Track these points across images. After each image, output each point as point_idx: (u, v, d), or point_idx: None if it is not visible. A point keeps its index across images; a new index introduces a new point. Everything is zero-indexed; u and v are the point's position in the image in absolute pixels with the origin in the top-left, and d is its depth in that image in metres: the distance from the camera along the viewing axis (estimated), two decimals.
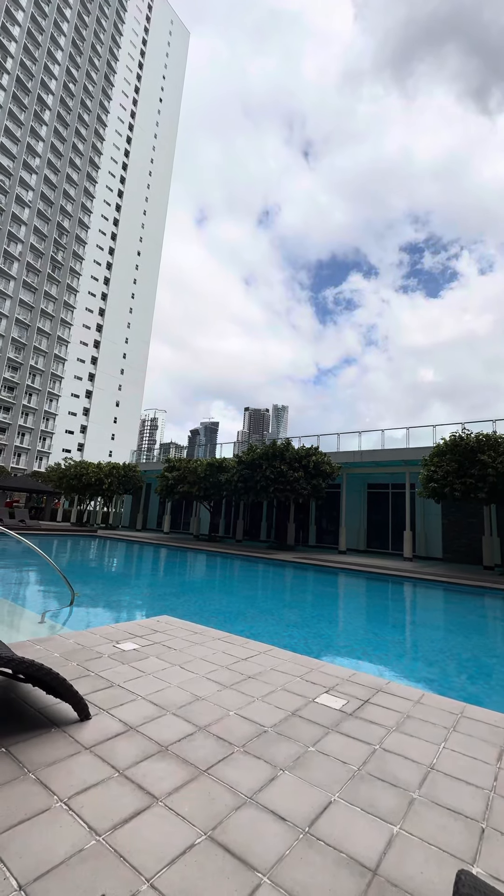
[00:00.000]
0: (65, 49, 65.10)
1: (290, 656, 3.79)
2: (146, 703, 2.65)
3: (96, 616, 6.80)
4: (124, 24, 76.21)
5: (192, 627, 4.54)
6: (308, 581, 12.66)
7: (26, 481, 30.87)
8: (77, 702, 2.31)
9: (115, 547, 19.00)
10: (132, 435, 78.23)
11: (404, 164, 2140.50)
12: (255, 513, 26.05)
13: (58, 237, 63.75)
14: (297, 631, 6.58)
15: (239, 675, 3.24)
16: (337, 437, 21.96)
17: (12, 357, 57.84)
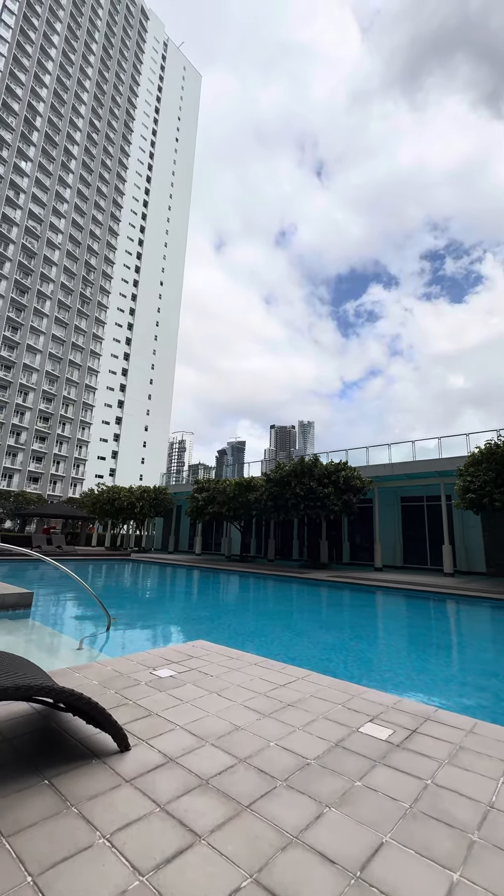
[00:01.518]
0: (87, 103, 70.19)
1: (329, 682, 3.66)
2: (185, 733, 2.60)
3: (132, 641, 6.82)
4: (141, 76, 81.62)
5: (229, 652, 4.47)
6: (344, 600, 12.29)
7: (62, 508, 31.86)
8: (116, 732, 2.30)
9: (149, 570, 19.16)
10: (161, 458, 79.78)
11: (419, 173, 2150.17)
12: (286, 531, 25.75)
13: (86, 274, 67.36)
14: (336, 654, 6.36)
15: (278, 702, 3.14)
16: (366, 450, 21.59)
17: (46, 389, 60.72)
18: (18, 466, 56.99)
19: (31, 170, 60.72)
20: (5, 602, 7.41)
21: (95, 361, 68.29)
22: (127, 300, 74.54)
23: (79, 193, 67.41)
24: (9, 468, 56.02)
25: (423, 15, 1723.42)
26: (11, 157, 57.98)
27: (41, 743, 2.44)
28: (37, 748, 2.37)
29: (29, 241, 59.86)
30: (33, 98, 61.85)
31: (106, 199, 71.79)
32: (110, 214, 72.23)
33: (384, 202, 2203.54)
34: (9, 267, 57.12)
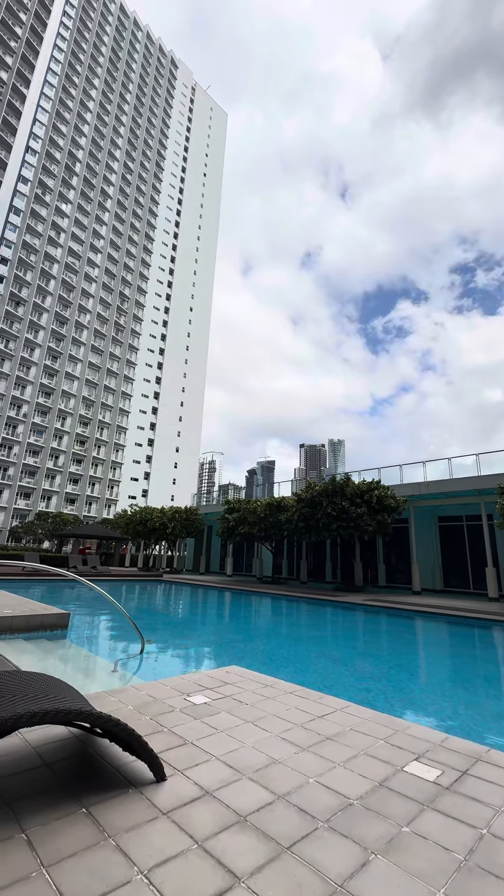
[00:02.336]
0: (122, 147, 75.26)
1: (370, 714, 3.48)
2: (221, 764, 2.53)
3: (166, 665, 6.78)
4: (171, 119, 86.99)
5: (263, 679, 4.36)
6: (381, 626, 11.79)
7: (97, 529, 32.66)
8: (153, 761, 2.27)
9: (181, 591, 19.16)
10: (192, 478, 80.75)
11: (446, 188, 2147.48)
12: (318, 552, 25.20)
13: (120, 304, 70.77)
14: (375, 684, 6.06)
15: (316, 735, 3.01)
16: (399, 468, 21.03)
17: (83, 413, 63.36)
18: (56, 488, 59.18)
19: (71, 211, 65.24)
20: (44, 622, 7.58)
21: (129, 386, 70.85)
22: (158, 327, 77.49)
23: (114, 230, 71.62)
24: (48, 490, 58.26)
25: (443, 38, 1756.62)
26: (53, 200, 62.60)
27: (79, 769, 2.44)
28: (75, 774, 2.37)
29: (68, 276, 63.80)
30: (73, 146, 67.01)
31: (139, 234, 75.83)
32: (143, 248, 76.11)
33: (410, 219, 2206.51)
34: (49, 301, 60.91)
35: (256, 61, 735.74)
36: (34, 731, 2.81)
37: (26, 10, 60.42)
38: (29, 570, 17.99)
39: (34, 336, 58.94)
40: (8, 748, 2.58)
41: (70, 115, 67.01)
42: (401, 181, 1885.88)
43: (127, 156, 75.96)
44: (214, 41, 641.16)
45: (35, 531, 45.46)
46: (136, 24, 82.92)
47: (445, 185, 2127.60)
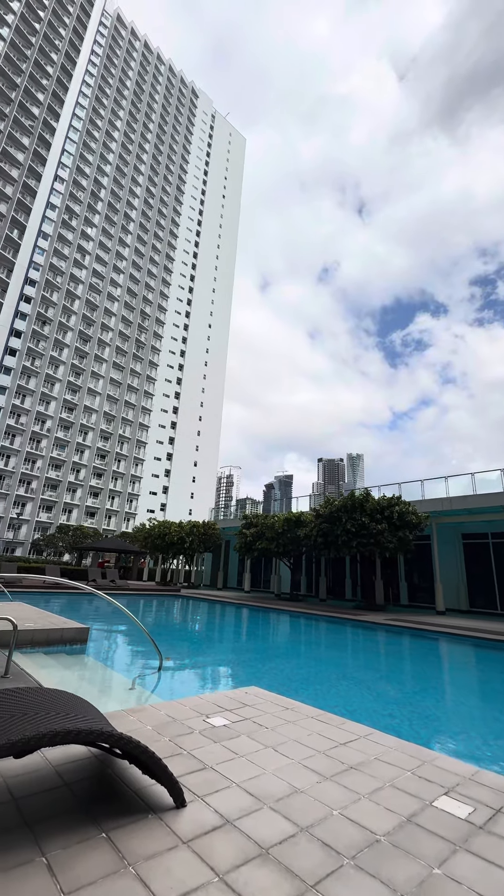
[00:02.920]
0: (144, 173, 78.36)
1: (395, 743, 3.35)
2: (241, 791, 2.47)
3: (184, 683, 6.70)
4: (191, 145, 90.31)
5: (283, 702, 4.25)
6: (404, 647, 11.40)
7: (116, 542, 32.93)
8: (172, 786, 2.23)
9: (198, 607, 19.03)
10: (210, 492, 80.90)
11: (464, 202, 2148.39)
12: (337, 569, 24.73)
13: (141, 322, 72.67)
14: (399, 710, 5.84)
15: (339, 763, 2.91)
16: (420, 483, 20.60)
17: (104, 428, 64.67)
18: (77, 502, 60.16)
19: (95, 234, 67.95)
20: (64, 636, 7.63)
21: (148, 401, 72.13)
22: (178, 343, 79.09)
23: (136, 251, 74.10)
24: (69, 503, 59.29)
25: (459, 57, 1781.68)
26: (79, 225, 65.37)
27: (98, 791, 2.41)
28: (94, 796, 2.35)
29: (91, 296, 66.04)
30: (98, 174, 70.16)
31: (159, 254, 78.21)
32: (163, 267, 78.37)
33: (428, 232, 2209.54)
34: (74, 319, 63.05)
35: (274, 87, 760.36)
36: (54, 750, 2.80)
37: (57, 50, 64.34)
38: (49, 582, 18.23)
39: (59, 353, 60.90)
40: (29, 766, 2.58)
41: (96, 144, 70.35)
42: (418, 196, 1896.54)
43: (149, 181, 78.98)
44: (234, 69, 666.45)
45: (56, 544, 46.16)
46: (159, 59, 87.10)
47: (464, 199, 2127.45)
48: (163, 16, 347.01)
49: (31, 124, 59.50)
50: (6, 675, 4.87)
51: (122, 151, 74.92)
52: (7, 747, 1.79)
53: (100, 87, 72.75)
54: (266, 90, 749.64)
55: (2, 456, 53.50)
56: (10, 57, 57.58)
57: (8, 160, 56.59)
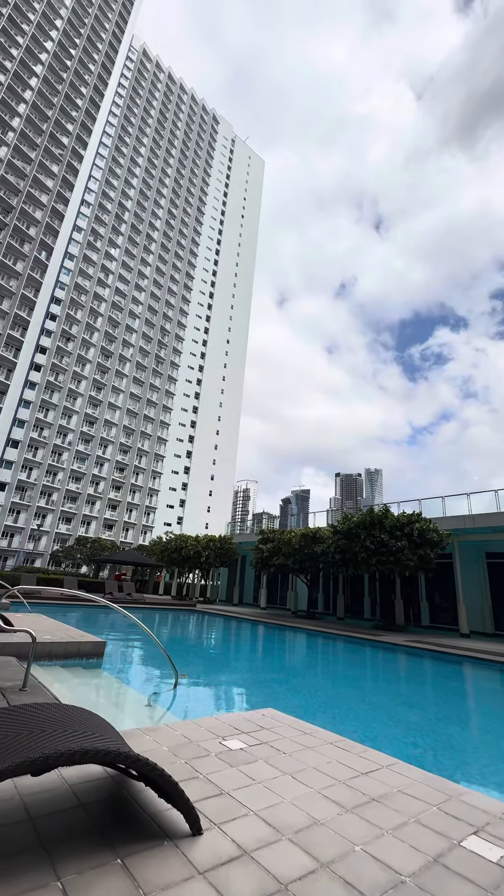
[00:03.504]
0: (167, 196, 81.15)
1: (419, 775, 3.20)
2: (259, 820, 2.39)
3: (200, 702, 6.60)
4: (212, 168, 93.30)
5: (301, 726, 4.13)
6: (426, 671, 10.98)
7: (133, 555, 33.07)
8: (189, 812, 2.18)
9: (214, 623, 18.84)
10: (226, 506, 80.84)
11: (484, 215, 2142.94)
12: (356, 587, 24.18)
13: (161, 338, 74.31)
14: (422, 738, 5.60)
15: (360, 795, 2.79)
16: (441, 500, 20.12)
17: (123, 442, 65.75)
18: (95, 514, 60.94)
19: (119, 255, 70.34)
20: (80, 650, 7.65)
21: (167, 415, 73.18)
22: (196, 359, 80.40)
23: (157, 270, 76.29)
24: (87, 515, 60.09)
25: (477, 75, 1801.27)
26: (103, 246, 67.85)
27: (114, 813, 2.38)
28: (110, 819, 2.31)
29: (114, 313, 68.03)
30: (122, 197, 73.02)
31: (180, 273, 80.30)
32: (183, 285, 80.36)
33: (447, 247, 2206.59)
34: (97, 336, 64.94)
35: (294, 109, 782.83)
36: (71, 769, 2.78)
37: (86, 84, 67.96)
38: (67, 594, 18.36)
39: (81, 369, 62.62)
40: (46, 784, 2.56)
41: (121, 170, 73.41)
42: (437, 211, 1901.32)
43: (171, 203, 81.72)
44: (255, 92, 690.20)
45: (74, 556, 46.68)
46: (182, 89, 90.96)
47: (484, 213, 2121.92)
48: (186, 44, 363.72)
49: (61, 153, 62.60)
50: (24, 687, 4.89)
51: (146, 176, 77.94)
52: (27, 765, 1.79)
53: (126, 117, 76.25)
54: (285, 112, 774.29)
55: (25, 468, 54.83)
56: (42, 91, 61.09)
57: (38, 187, 59.50)
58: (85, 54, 68.40)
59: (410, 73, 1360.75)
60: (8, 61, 57.87)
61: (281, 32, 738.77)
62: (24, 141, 58.44)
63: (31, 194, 58.14)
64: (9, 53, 58.05)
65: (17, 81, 58.85)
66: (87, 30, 68.79)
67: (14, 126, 57.36)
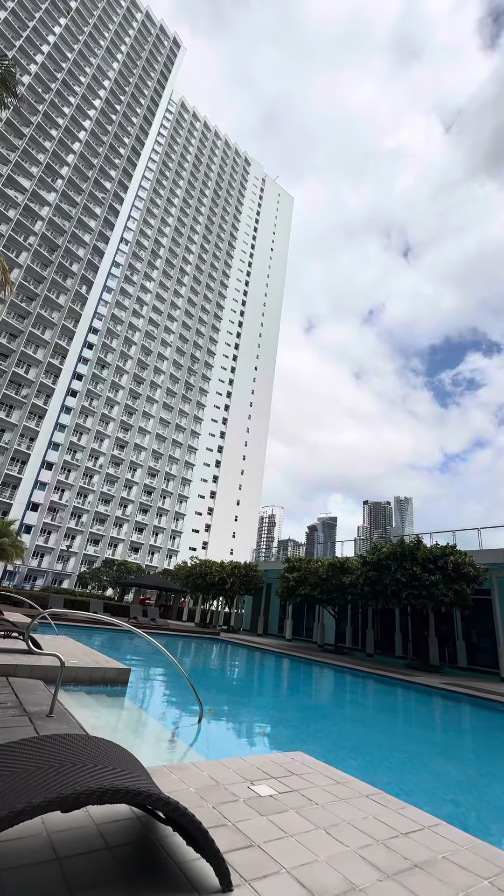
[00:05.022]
0: (199, 232, 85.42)
1: (465, 840, 2.92)
2: (292, 880, 2.23)
3: (225, 740, 6.36)
4: (242, 206, 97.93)
5: (333, 774, 3.90)
6: (464, 718, 10.22)
7: (157, 579, 33.05)
8: (219, 865, 2.06)
9: (238, 653, 18.35)
10: (251, 532, 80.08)
11: None
12: (386, 621, 23.09)
13: (191, 365, 76.54)
14: (464, 796, 5.15)
15: (402, 859, 2.57)
16: (477, 532, 19.22)
17: (151, 465, 67.00)
18: (123, 536, 61.67)
19: (153, 287, 73.94)
20: (105, 677, 7.59)
21: (195, 440, 74.38)
22: (225, 385, 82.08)
23: (189, 301, 79.53)
24: (115, 538, 60.89)
25: None
26: (139, 280, 71.58)
27: (140, 859, 2.28)
28: (136, 865, 2.22)
29: (147, 342, 70.91)
30: (159, 235, 77.40)
31: (210, 303, 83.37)
32: (213, 315, 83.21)
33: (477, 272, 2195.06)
34: (130, 364, 67.61)
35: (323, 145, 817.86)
36: (99, 807, 2.71)
37: (129, 134, 73.71)
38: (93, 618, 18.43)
39: (114, 395, 65.02)
40: (73, 822, 2.50)
41: (158, 210, 78.15)
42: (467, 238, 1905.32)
43: (203, 239, 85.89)
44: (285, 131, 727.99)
45: (100, 578, 47.09)
46: (216, 135, 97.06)
47: None
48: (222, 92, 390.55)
49: (104, 196, 67.44)
50: (51, 713, 4.87)
51: (181, 215, 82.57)
52: (58, 801, 1.76)
53: (164, 162, 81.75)
54: (315, 148, 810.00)
55: (58, 490, 56.55)
56: (89, 143, 66.62)
57: (82, 227, 64.00)
58: (129, 108, 74.51)
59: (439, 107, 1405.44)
60: (60, 118, 63.77)
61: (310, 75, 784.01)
62: (71, 187, 63.46)
63: (76, 234, 62.53)
64: (61, 111, 64.02)
65: (68, 135, 64.55)
66: (131, 87, 75.21)
67: (63, 174, 62.52)
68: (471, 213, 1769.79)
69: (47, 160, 60.37)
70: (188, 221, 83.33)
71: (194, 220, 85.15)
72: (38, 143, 60.05)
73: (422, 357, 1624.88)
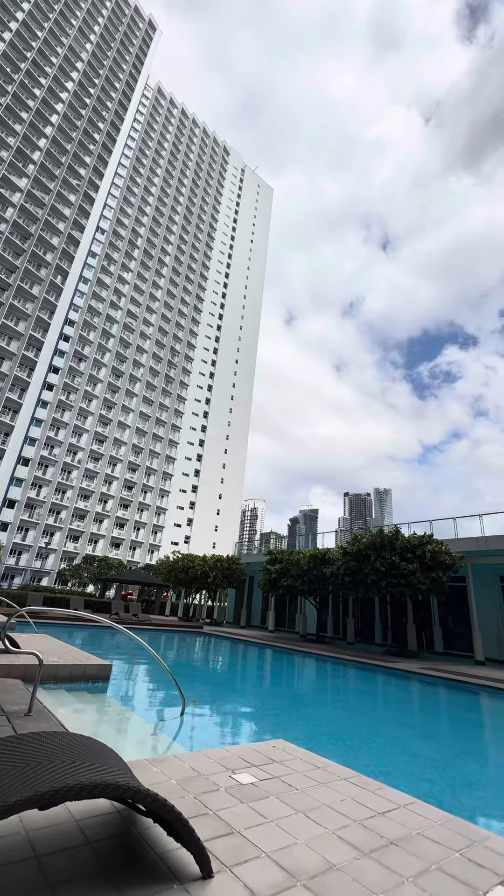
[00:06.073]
0: (178, 223, 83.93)
1: (439, 817, 3.04)
2: (272, 863, 2.28)
3: (207, 732, 6.40)
4: (222, 196, 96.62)
5: (313, 759, 3.98)
6: (441, 701, 10.58)
7: (139, 575, 32.81)
8: (199, 853, 2.08)
9: (221, 646, 18.45)
10: (234, 525, 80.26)
11: (492, 233, 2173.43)
12: (366, 610, 23.61)
13: (171, 358, 75.59)
14: (440, 774, 5.35)
15: (378, 837, 2.66)
16: (453, 521, 19.78)
17: (132, 460, 66.15)
18: (103, 532, 60.87)
19: (131, 278, 72.44)
20: (86, 673, 7.52)
21: (176, 434, 73.74)
22: (205, 378, 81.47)
23: (168, 293, 78.30)
24: (95, 534, 60.04)
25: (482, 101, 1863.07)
26: (116, 270, 69.97)
27: (121, 853, 2.29)
28: (117, 858, 2.22)
29: (125, 334, 69.58)
30: (136, 224, 75.68)
31: (190, 295, 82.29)
32: (193, 307, 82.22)
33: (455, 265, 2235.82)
34: (108, 357, 66.27)
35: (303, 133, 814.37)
36: (79, 802, 2.70)
37: (104, 119, 71.51)
38: (73, 615, 18.18)
39: (92, 388, 63.71)
40: (52, 819, 2.48)
41: (135, 199, 76.34)
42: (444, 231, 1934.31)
43: (182, 230, 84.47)
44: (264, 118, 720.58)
45: (81, 574, 46.43)
46: (194, 122, 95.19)
47: (491, 232, 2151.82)
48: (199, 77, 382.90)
49: (78, 183, 65.41)
50: (30, 712, 4.80)
51: (159, 204, 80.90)
52: (35, 799, 1.74)
53: (141, 149, 79.75)
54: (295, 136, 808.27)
55: (35, 486, 55.26)
56: (62, 127, 64.35)
57: (56, 215, 61.99)
58: (103, 92, 72.20)
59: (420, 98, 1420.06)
60: (31, 100, 61.31)
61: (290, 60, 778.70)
62: (44, 172, 61.27)
63: (49, 222, 60.53)
64: (31, 93, 61.53)
65: (39, 118, 62.16)
66: (105, 70, 72.83)
67: (35, 159, 60.26)
68: (448, 207, 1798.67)
69: (18, 144, 58.06)
70: (166, 211, 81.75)
71: (173, 210, 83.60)
72: (7, 126, 57.65)
73: (401, 349, 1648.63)
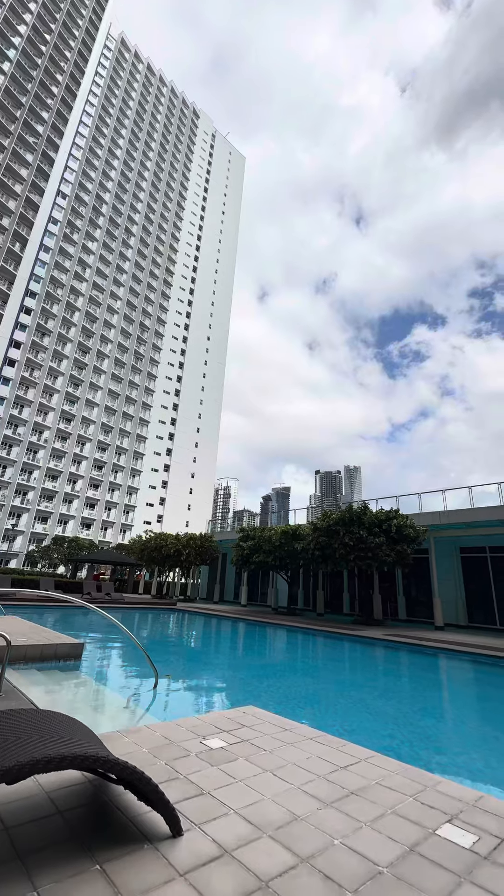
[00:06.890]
0: (146, 189, 79.85)
1: (397, 767, 3.27)
2: (239, 819, 2.40)
3: (180, 702, 6.57)
4: (192, 163, 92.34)
5: (281, 722, 4.17)
6: (403, 664, 11.25)
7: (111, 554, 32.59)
8: (169, 814, 2.16)
9: (194, 621, 18.78)
10: (207, 504, 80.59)
11: (463, 213, 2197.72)
12: (335, 583, 24.52)
13: (140, 334, 73.24)
14: (399, 730, 5.73)
15: (340, 788, 2.84)
16: (418, 496, 20.60)
17: (101, 439, 64.60)
18: (73, 513, 59.74)
19: (97, 248, 68.89)
20: (57, 652, 7.50)
21: (147, 412, 72.30)
22: (176, 355, 79.67)
23: (136, 265, 75.11)
24: (65, 514, 58.85)
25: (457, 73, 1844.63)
26: (80, 239, 66.28)
27: (93, 819, 2.34)
28: (88, 825, 2.28)
29: (92, 308, 66.64)
30: (101, 190, 71.47)
31: (159, 268, 79.27)
32: (163, 281, 79.38)
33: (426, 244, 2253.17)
34: (73, 331, 63.47)
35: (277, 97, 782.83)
36: (48, 775, 2.72)
37: (62, 71, 66.06)
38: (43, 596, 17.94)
39: (58, 364, 61.14)
40: (21, 792, 2.50)
41: (98, 162, 71.80)
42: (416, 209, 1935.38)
43: (150, 198, 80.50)
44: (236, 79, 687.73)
45: (51, 556, 45.65)
46: (161, 81, 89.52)
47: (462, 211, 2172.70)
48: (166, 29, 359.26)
49: (35, 141, 60.72)
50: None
51: (125, 169, 76.49)
52: (1, 774, 1.74)
53: (103, 107, 74.56)
54: (269, 99, 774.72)
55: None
56: (16, 77, 59.03)
57: (12, 176, 57.57)
58: (60, 40, 66.45)
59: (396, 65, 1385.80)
60: None
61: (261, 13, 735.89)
62: None
63: (5, 184, 56.22)
64: None
65: None
66: (62, 14, 66.82)
67: None
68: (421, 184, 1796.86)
69: None
70: (132, 177, 77.51)
71: (139, 176, 79.35)
72: None
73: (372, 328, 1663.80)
